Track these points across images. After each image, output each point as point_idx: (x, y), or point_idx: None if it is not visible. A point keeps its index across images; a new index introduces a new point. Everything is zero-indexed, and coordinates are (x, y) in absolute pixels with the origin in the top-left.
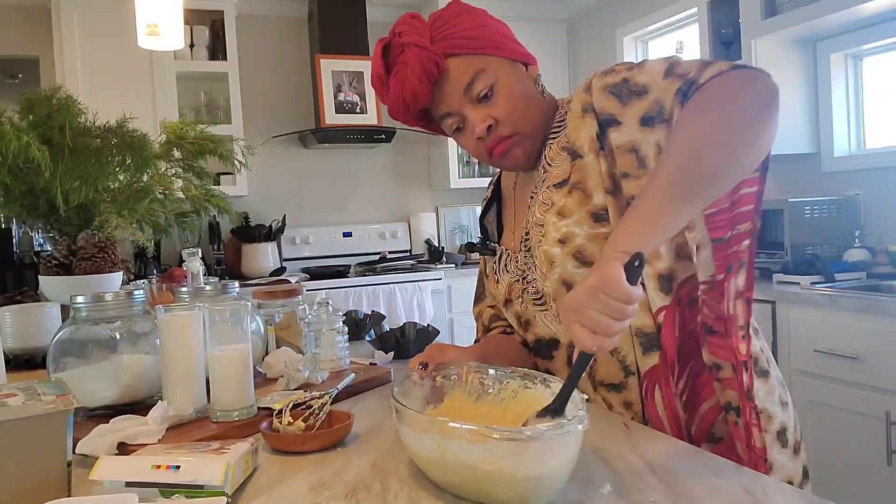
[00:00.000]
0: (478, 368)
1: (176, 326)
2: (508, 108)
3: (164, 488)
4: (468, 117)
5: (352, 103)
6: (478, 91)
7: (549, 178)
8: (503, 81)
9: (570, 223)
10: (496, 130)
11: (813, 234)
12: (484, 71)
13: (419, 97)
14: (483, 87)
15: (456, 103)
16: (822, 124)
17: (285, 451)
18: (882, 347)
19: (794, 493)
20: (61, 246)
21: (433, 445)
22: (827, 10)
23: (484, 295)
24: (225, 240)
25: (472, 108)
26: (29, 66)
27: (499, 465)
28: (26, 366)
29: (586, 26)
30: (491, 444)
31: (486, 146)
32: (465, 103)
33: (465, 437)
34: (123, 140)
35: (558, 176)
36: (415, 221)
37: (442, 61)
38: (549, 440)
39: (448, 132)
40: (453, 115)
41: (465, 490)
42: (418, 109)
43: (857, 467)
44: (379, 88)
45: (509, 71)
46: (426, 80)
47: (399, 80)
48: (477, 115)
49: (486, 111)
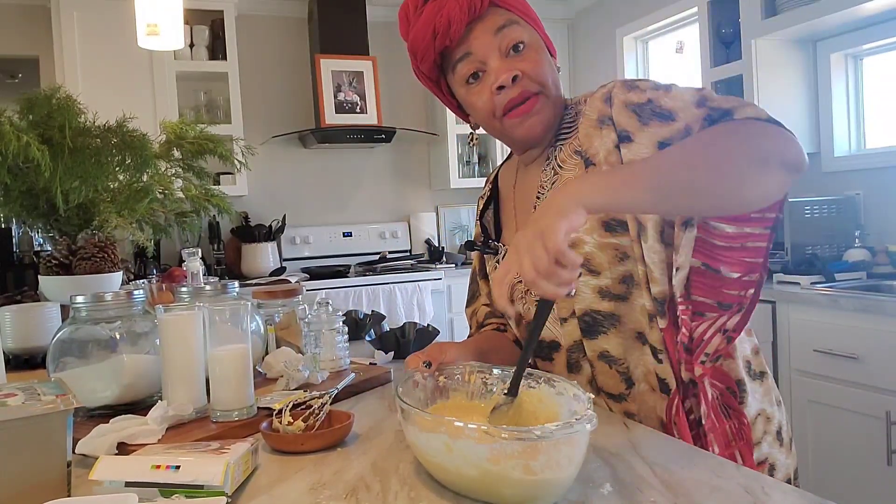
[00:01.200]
0: (480, 368)
1: (176, 326)
2: (538, 66)
3: (164, 488)
4: (490, 66)
5: (352, 103)
6: (507, 39)
7: (559, 180)
8: (535, 44)
9: (580, 230)
10: (521, 82)
11: (813, 234)
12: (518, 23)
13: (452, 27)
14: (514, 38)
15: (481, 45)
16: (822, 124)
17: (285, 451)
18: (882, 347)
19: (795, 493)
20: (61, 246)
21: (440, 445)
22: (827, 10)
23: (479, 294)
24: (225, 240)
25: (497, 57)
26: (29, 65)
27: (507, 464)
28: (26, 366)
29: (586, 26)
30: (500, 444)
31: (506, 100)
32: (490, 49)
33: (472, 436)
34: (123, 140)
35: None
36: (415, 221)
37: (486, 0)
38: (557, 440)
39: (457, 83)
40: (472, 58)
41: (472, 490)
42: (443, 45)
43: (857, 467)
44: (409, 14)
45: (541, 46)
46: (466, 10)
47: (437, 5)
48: (502, 65)
49: (513, 63)
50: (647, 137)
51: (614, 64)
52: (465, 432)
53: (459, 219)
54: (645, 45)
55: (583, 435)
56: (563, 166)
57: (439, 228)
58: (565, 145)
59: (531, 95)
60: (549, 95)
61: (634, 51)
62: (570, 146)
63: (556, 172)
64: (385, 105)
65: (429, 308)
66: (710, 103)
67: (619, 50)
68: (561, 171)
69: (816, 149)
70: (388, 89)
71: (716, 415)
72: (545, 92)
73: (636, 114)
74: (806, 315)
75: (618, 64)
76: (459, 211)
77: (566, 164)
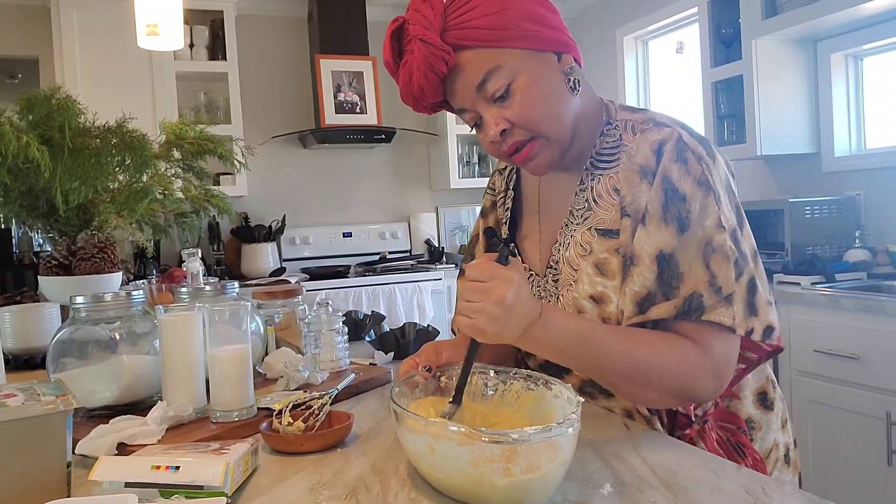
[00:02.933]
0: (482, 369)
1: (175, 327)
2: (526, 110)
3: (164, 489)
4: (483, 116)
5: (352, 103)
6: (491, 91)
7: (592, 217)
8: (522, 80)
9: (608, 285)
10: (511, 134)
11: (813, 235)
12: (499, 68)
13: (427, 93)
14: (497, 87)
15: (469, 101)
16: (822, 124)
17: (285, 451)
18: (882, 348)
19: (795, 493)
20: (61, 246)
21: (425, 447)
22: (827, 10)
23: None
24: (225, 240)
25: (486, 106)
26: (28, 66)
27: (487, 467)
28: (26, 366)
29: (586, 26)
30: (480, 447)
31: (503, 151)
32: (478, 101)
33: (454, 438)
34: (123, 140)
35: (604, 222)
36: (415, 222)
37: (451, 58)
38: (536, 443)
39: (469, 125)
40: (468, 111)
41: (458, 492)
42: (429, 103)
43: (857, 467)
44: (391, 73)
45: (532, 66)
46: (433, 77)
47: (407, 72)
48: (491, 115)
49: (501, 112)
50: (654, 240)
51: (614, 64)
52: (446, 434)
53: (459, 219)
54: (645, 45)
55: (566, 438)
56: (598, 202)
57: (439, 229)
58: (604, 177)
59: (522, 144)
60: (547, 136)
61: (634, 51)
62: (610, 181)
63: (590, 208)
64: (385, 105)
65: (429, 308)
66: (717, 270)
67: (619, 50)
68: (595, 207)
69: (817, 149)
70: (388, 89)
71: (728, 455)
72: (540, 135)
73: (664, 201)
74: (806, 315)
75: (618, 64)
76: (459, 211)
77: (602, 202)
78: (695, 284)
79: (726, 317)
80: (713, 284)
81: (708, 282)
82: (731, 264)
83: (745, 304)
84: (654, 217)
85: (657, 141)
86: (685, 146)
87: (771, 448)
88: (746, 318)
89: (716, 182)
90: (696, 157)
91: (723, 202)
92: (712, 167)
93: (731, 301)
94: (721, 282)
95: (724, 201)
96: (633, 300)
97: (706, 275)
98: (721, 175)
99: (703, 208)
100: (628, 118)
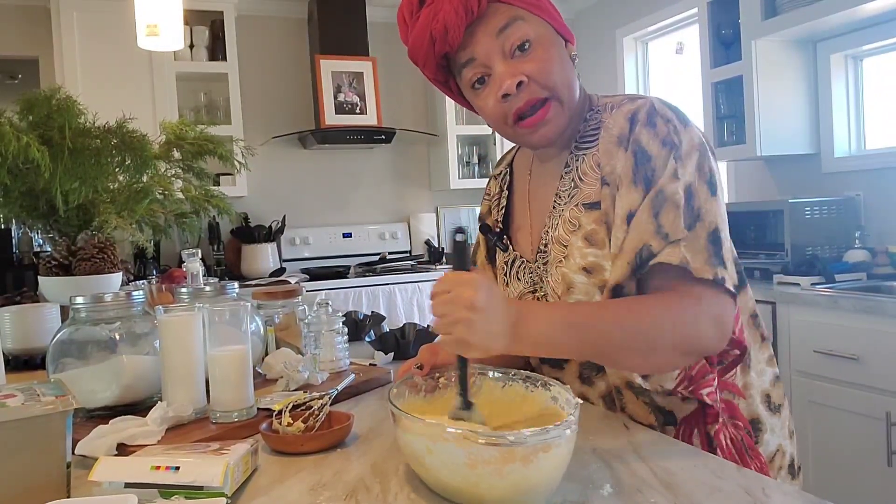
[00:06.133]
0: (481, 370)
1: (175, 327)
2: (547, 65)
3: (164, 489)
4: (494, 70)
5: (351, 104)
6: (512, 40)
7: (579, 194)
8: (542, 40)
9: (599, 254)
10: (528, 89)
11: (813, 235)
12: (523, 20)
13: (450, 33)
14: (518, 37)
15: (483, 49)
16: (822, 125)
17: (285, 451)
18: (882, 348)
19: (795, 493)
20: (61, 247)
21: (422, 448)
22: (827, 11)
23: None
24: (225, 240)
25: (501, 60)
26: (28, 66)
27: (485, 469)
28: (26, 366)
29: (586, 26)
30: (477, 449)
31: (513, 109)
32: (494, 52)
33: (450, 440)
34: (123, 140)
35: (589, 196)
36: (414, 222)
37: (484, 1)
38: (532, 445)
39: (465, 88)
40: (476, 63)
41: (456, 494)
42: (443, 51)
43: (857, 468)
44: (406, 19)
45: (551, 36)
46: (463, 14)
47: (432, 10)
48: (506, 69)
49: (519, 66)
50: (625, 202)
51: (614, 65)
52: (443, 436)
53: (459, 219)
54: (645, 46)
55: (562, 440)
56: (583, 179)
57: (439, 229)
58: (587, 156)
59: (539, 103)
60: (561, 99)
61: (634, 51)
62: (593, 158)
63: (577, 185)
64: (385, 106)
65: (428, 309)
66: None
67: (618, 51)
68: (581, 185)
69: (816, 149)
70: (388, 90)
71: (741, 459)
72: (556, 96)
73: (634, 163)
74: (806, 316)
75: (618, 65)
76: (459, 212)
77: (587, 178)
78: (641, 237)
79: (674, 257)
80: (659, 232)
81: (654, 231)
82: (679, 212)
83: (706, 252)
84: (626, 180)
85: (631, 110)
86: (655, 112)
87: (775, 452)
88: (710, 265)
89: (683, 142)
90: (665, 119)
91: (684, 159)
92: (682, 130)
93: (677, 245)
94: (668, 229)
95: (688, 160)
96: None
97: (652, 224)
98: (694, 139)
99: (664, 164)
100: (608, 101)
